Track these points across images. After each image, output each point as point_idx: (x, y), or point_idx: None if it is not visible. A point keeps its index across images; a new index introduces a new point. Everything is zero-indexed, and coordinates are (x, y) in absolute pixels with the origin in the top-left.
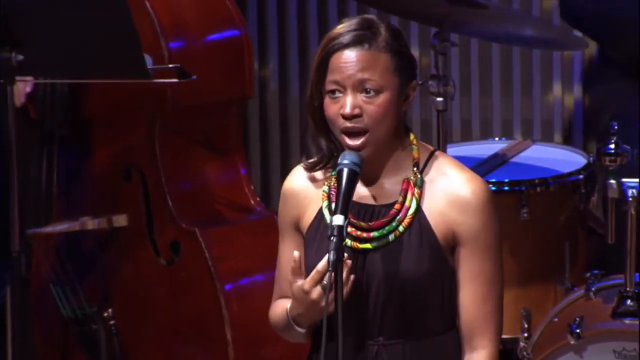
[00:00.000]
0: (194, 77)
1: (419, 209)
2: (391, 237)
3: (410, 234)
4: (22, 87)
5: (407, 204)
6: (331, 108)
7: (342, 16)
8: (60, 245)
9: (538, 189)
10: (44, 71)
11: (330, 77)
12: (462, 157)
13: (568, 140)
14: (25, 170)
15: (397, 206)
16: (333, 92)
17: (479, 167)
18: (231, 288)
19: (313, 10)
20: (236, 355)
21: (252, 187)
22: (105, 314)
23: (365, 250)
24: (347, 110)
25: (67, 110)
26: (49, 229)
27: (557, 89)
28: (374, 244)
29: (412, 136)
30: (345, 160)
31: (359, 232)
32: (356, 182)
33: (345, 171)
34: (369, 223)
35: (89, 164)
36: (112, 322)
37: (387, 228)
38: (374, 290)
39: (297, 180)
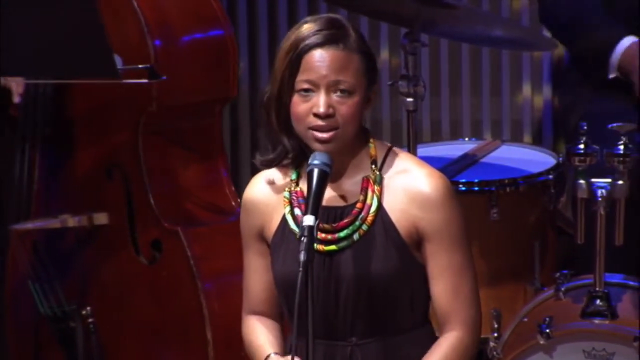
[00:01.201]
0: (164, 77)
1: (380, 206)
2: (355, 236)
3: (374, 232)
4: (16, 87)
5: (368, 201)
6: (301, 106)
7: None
8: (39, 242)
9: (508, 189)
10: (13, 71)
11: (303, 76)
12: (432, 158)
13: (537, 141)
14: (6, 168)
15: (358, 205)
16: (305, 90)
17: (449, 167)
18: (212, 287)
19: (283, 10)
20: (216, 354)
21: (233, 188)
22: (84, 312)
23: (332, 252)
24: (322, 109)
25: (50, 110)
26: (28, 225)
27: (526, 89)
28: (340, 244)
29: (368, 135)
30: (316, 160)
31: (323, 235)
32: (327, 182)
33: (316, 171)
34: (333, 224)
35: (70, 162)
36: (90, 320)
37: (351, 227)
38: (343, 291)
39: (257, 189)
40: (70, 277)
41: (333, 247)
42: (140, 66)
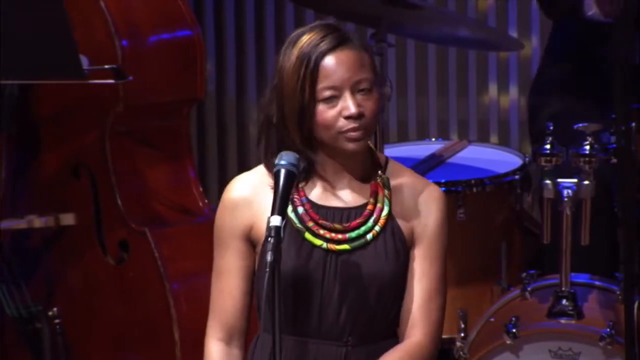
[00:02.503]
0: (130, 78)
1: (391, 209)
2: (369, 236)
3: (385, 234)
4: None
5: (379, 204)
6: (328, 113)
7: (279, 16)
8: (4, 242)
9: (474, 190)
10: None
11: (324, 83)
12: (398, 158)
13: (504, 141)
14: None
15: (369, 207)
16: (330, 98)
17: (416, 167)
18: (180, 288)
19: (250, 12)
20: (183, 355)
21: (201, 189)
22: (50, 313)
23: (343, 252)
24: (354, 110)
25: (16, 110)
26: None
27: (492, 89)
28: (352, 244)
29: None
30: (282, 161)
31: (333, 234)
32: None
33: (283, 172)
34: (344, 224)
35: (37, 162)
36: (57, 321)
37: (363, 228)
38: (351, 291)
39: (244, 188)
40: (37, 277)
41: (346, 246)
42: (107, 67)
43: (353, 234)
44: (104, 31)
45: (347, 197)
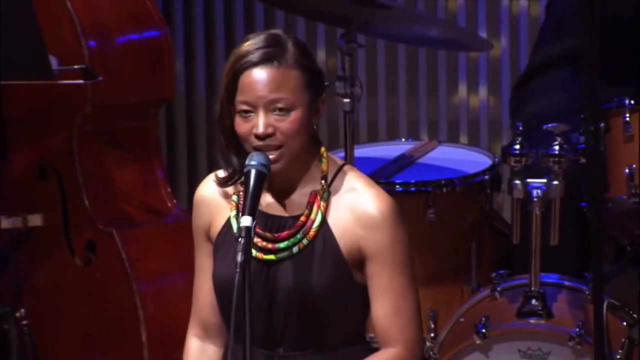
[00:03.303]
0: (100, 78)
1: (324, 222)
2: (295, 249)
3: (314, 247)
4: None
5: (312, 216)
6: (243, 127)
7: (248, 16)
8: None
9: (444, 190)
10: None
11: (241, 97)
12: (368, 158)
13: (474, 141)
14: None
15: (302, 218)
16: (245, 112)
17: (386, 168)
18: (147, 289)
19: (219, 12)
20: (151, 356)
21: (169, 190)
22: (18, 314)
23: (270, 262)
24: (261, 130)
25: None
26: None
27: (462, 90)
28: (278, 255)
29: (322, 149)
30: (253, 161)
31: (264, 243)
32: (264, 183)
33: (253, 172)
34: (275, 234)
35: (5, 163)
36: (24, 322)
37: (292, 240)
38: (276, 302)
39: (208, 188)
40: (4, 278)
41: (272, 256)
42: (75, 67)
43: (282, 245)
44: (71, 32)
45: (287, 205)
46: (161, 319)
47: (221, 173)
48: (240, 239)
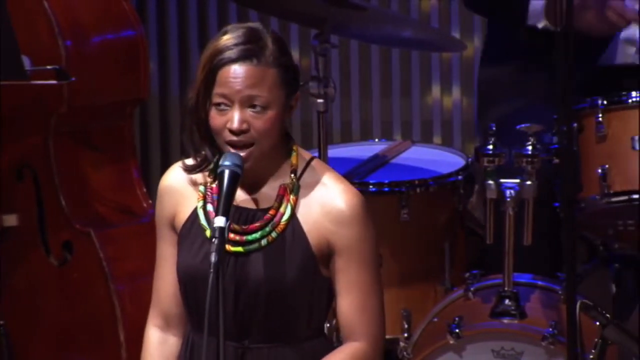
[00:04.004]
0: (73, 78)
1: (293, 215)
2: (264, 241)
3: (284, 240)
4: None
5: (282, 209)
6: (217, 119)
7: (222, 17)
8: None
9: (418, 190)
10: None
11: (218, 90)
12: (342, 159)
13: (447, 141)
14: None
15: (271, 211)
16: (220, 104)
17: (360, 168)
18: (124, 289)
19: (193, 11)
20: (129, 356)
21: (144, 190)
22: None
23: (238, 254)
24: (235, 125)
25: None
26: None
27: (436, 90)
28: (246, 247)
29: (292, 144)
30: (227, 161)
31: (232, 235)
32: (238, 183)
33: (227, 172)
34: (243, 227)
35: None
36: (0, 322)
37: (260, 232)
38: (243, 294)
39: (174, 177)
40: None
41: (240, 248)
42: (49, 67)
43: (250, 237)
44: (48, 31)
45: (257, 198)
46: (139, 319)
47: (189, 161)
48: (214, 240)
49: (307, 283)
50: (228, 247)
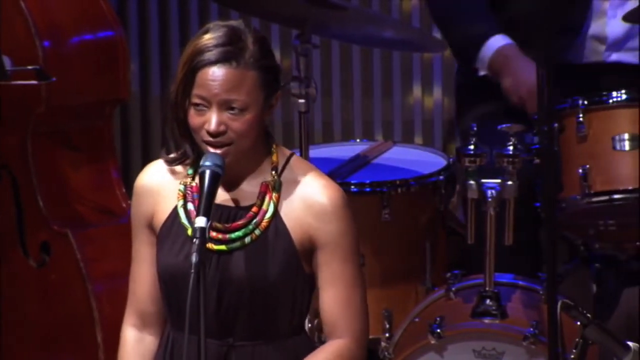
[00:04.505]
0: (54, 79)
1: (276, 212)
2: (247, 239)
3: (267, 237)
4: None
5: (264, 207)
6: (196, 119)
7: (203, 17)
8: None
9: (399, 190)
10: None
11: (197, 91)
12: (323, 159)
13: (428, 142)
14: None
15: (254, 209)
16: (198, 105)
17: (341, 168)
18: (102, 290)
19: (174, 12)
20: (107, 357)
21: (124, 190)
22: None
23: (221, 252)
24: (213, 127)
25: None
26: None
27: (417, 90)
28: (229, 245)
29: (272, 142)
30: (208, 162)
31: (214, 233)
32: (218, 183)
33: (208, 173)
34: (226, 225)
35: None
36: None
37: (243, 230)
38: (226, 292)
39: (151, 176)
40: None
41: (223, 247)
42: (29, 67)
43: (233, 235)
44: (25, 32)
45: (237, 196)
46: (117, 320)
47: (170, 154)
48: (195, 240)
49: (290, 280)
50: (211, 245)
